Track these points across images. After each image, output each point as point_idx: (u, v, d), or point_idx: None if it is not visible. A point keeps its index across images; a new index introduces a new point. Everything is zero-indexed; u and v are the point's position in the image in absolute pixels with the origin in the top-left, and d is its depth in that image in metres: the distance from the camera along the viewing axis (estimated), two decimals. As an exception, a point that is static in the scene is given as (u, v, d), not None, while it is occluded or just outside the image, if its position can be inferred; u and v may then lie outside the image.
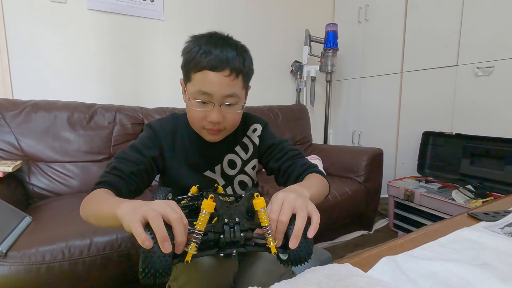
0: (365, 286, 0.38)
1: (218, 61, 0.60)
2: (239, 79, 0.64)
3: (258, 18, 2.23)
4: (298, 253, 0.45)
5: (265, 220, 0.46)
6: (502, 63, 1.50)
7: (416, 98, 1.93)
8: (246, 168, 0.79)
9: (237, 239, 0.45)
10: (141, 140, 0.70)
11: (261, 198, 0.47)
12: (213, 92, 0.62)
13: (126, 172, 0.62)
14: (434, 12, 1.80)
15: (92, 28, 1.67)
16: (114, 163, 0.63)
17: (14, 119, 1.33)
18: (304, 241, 0.45)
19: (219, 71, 0.61)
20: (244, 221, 0.46)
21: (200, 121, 0.65)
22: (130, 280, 0.98)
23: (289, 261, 0.46)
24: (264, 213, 0.47)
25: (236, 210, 0.46)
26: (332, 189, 1.49)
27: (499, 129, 1.51)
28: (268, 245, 0.46)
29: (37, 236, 0.89)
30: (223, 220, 0.45)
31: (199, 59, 0.61)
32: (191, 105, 0.64)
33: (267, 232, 0.46)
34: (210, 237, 0.45)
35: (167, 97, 1.89)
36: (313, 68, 2.25)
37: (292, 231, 0.45)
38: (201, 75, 0.62)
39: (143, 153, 0.67)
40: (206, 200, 0.44)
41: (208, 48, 0.61)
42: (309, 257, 0.46)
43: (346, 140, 2.49)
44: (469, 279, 0.41)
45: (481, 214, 0.67)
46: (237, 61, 0.63)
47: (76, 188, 1.38)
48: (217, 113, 0.63)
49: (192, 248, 0.42)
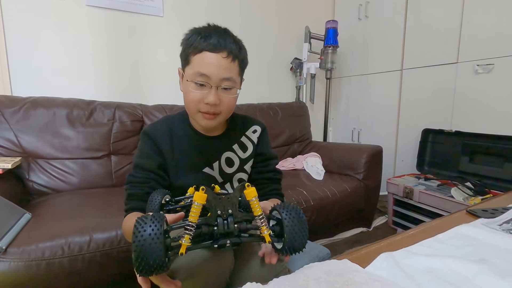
0: (363, 282, 0.38)
1: (217, 43, 0.64)
2: (235, 63, 0.66)
3: (257, 15, 2.22)
4: (292, 242, 0.45)
5: (257, 209, 0.47)
6: (502, 60, 1.49)
7: (416, 95, 1.93)
8: (245, 167, 0.80)
9: (231, 230, 0.45)
10: (141, 153, 0.72)
11: (252, 187, 0.48)
12: (211, 74, 0.63)
13: (141, 195, 0.67)
14: (435, 9, 1.79)
15: (91, 24, 1.66)
16: (128, 190, 0.69)
17: (13, 116, 1.33)
18: (298, 230, 0.46)
19: (218, 52, 0.63)
20: (237, 213, 0.47)
21: (197, 104, 0.66)
22: (129, 277, 0.98)
23: (284, 250, 0.46)
24: (256, 202, 0.47)
25: (229, 201, 0.47)
26: (332, 186, 1.50)
27: (499, 127, 1.51)
28: (262, 234, 0.47)
29: (36, 233, 0.89)
30: (216, 212, 0.46)
31: (199, 42, 0.64)
32: (189, 86, 0.66)
33: (261, 221, 0.47)
34: (204, 230, 0.46)
35: (166, 94, 1.88)
36: (313, 65, 2.24)
37: (286, 217, 0.46)
38: (200, 57, 0.64)
39: (147, 167, 0.70)
40: (197, 192, 0.44)
41: (208, 33, 0.64)
42: (304, 246, 0.47)
43: (345, 137, 2.49)
44: (467, 275, 0.41)
45: (479, 211, 0.67)
46: (234, 47, 0.66)
47: (75, 185, 1.38)
48: (214, 95, 0.64)
49: (186, 240, 0.42)
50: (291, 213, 0.46)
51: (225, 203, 0.47)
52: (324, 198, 1.42)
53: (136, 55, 1.81)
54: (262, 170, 0.82)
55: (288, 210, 0.47)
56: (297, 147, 2.08)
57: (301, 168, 1.80)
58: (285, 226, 0.45)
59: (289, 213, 0.46)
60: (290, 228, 0.45)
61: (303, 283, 0.39)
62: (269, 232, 0.47)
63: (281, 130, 2.02)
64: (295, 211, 0.47)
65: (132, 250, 0.39)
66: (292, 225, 0.45)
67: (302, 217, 0.47)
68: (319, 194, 1.42)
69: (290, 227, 0.45)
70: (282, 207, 0.48)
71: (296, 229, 0.45)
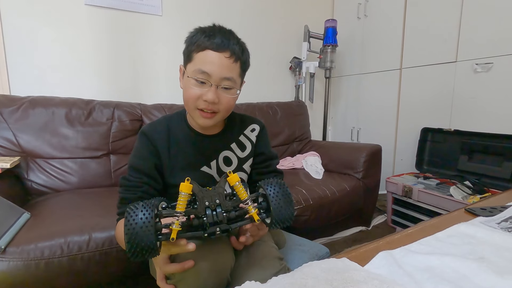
0: (362, 280, 0.38)
1: (221, 42, 0.64)
2: (237, 64, 0.67)
3: (257, 14, 2.22)
4: (279, 215, 0.48)
5: (242, 193, 0.49)
6: (501, 59, 1.50)
7: (415, 94, 1.93)
8: (244, 166, 0.80)
9: (220, 219, 0.47)
10: (136, 153, 0.72)
11: (234, 174, 0.50)
12: (212, 72, 0.64)
13: (134, 199, 0.66)
14: (434, 8, 1.79)
15: (90, 23, 1.65)
16: (121, 194, 0.69)
17: (11, 115, 1.32)
18: (284, 203, 0.48)
19: (221, 51, 0.64)
20: (225, 202, 0.48)
21: (195, 100, 0.66)
22: (129, 276, 0.99)
23: (272, 224, 0.49)
24: (240, 186, 0.49)
25: (215, 192, 0.49)
26: (331, 185, 1.50)
27: (498, 126, 1.51)
28: (250, 214, 0.49)
29: (36, 232, 0.89)
30: (204, 203, 0.47)
31: (203, 41, 0.64)
32: (189, 83, 0.66)
33: (247, 204, 0.49)
34: (195, 222, 0.47)
35: (165, 93, 1.88)
36: (312, 64, 2.24)
37: (271, 193, 0.48)
38: (203, 54, 0.64)
39: (141, 169, 0.69)
40: (183, 183, 0.46)
41: (213, 32, 0.65)
42: (291, 218, 0.50)
43: (345, 136, 2.50)
44: (465, 273, 0.42)
45: (478, 209, 0.67)
46: (237, 48, 0.66)
47: (74, 184, 1.37)
48: (213, 93, 0.65)
49: (176, 225, 0.44)
50: (275, 188, 0.49)
51: (212, 194, 0.48)
52: (323, 197, 1.42)
53: (135, 54, 1.80)
54: (263, 171, 0.82)
55: (272, 185, 0.50)
56: (296, 146, 2.08)
57: (300, 167, 1.81)
58: (270, 201, 0.48)
59: (273, 188, 0.49)
60: (275, 203, 0.48)
61: (302, 281, 0.39)
62: (256, 211, 0.49)
63: (280, 129, 2.02)
64: (279, 185, 0.50)
65: (124, 233, 0.40)
66: (277, 199, 0.48)
67: (286, 190, 0.50)
68: (318, 193, 1.42)
69: (275, 201, 0.48)
70: (266, 183, 0.51)
71: (281, 203, 0.48)
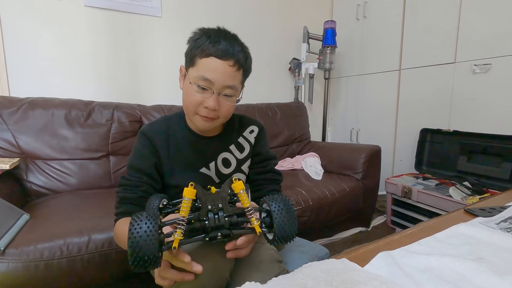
0: (361, 281, 0.38)
1: (225, 50, 0.63)
2: (240, 72, 0.67)
3: (256, 15, 2.22)
4: (282, 232, 0.47)
5: (246, 202, 0.49)
6: (499, 60, 1.50)
7: (414, 95, 1.94)
8: (243, 167, 0.80)
9: (221, 223, 0.47)
10: (135, 153, 0.72)
11: (239, 181, 0.49)
12: (215, 80, 0.64)
13: (134, 199, 0.67)
14: (432, 9, 1.80)
15: (89, 25, 1.65)
16: (120, 193, 0.68)
17: (11, 116, 1.32)
18: (287, 221, 0.48)
19: (225, 59, 0.63)
20: (227, 207, 0.48)
21: (196, 106, 0.67)
22: (128, 277, 0.98)
23: (275, 240, 0.48)
24: (244, 194, 0.49)
25: (218, 196, 0.49)
26: (330, 186, 1.51)
27: (497, 126, 1.51)
28: (252, 225, 0.48)
29: (35, 233, 0.89)
30: (206, 207, 0.47)
31: (207, 46, 0.63)
32: (191, 89, 0.66)
33: (250, 213, 0.48)
34: (196, 225, 0.47)
35: (165, 94, 1.88)
36: (312, 65, 2.24)
37: (275, 209, 0.47)
38: (207, 61, 0.64)
39: (141, 169, 0.69)
40: (187, 188, 0.46)
41: (218, 38, 0.64)
42: (293, 236, 0.49)
43: (344, 137, 2.50)
44: (464, 274, 0.42)
45: (477, 210, 0.67)
46: (241, 56, 0.66)
47: (74, 185, 1.37)
48: (214, 100, 0.65)
49: (178, 234, 0.44)
50: (279, 205, 0.49)
51: (215, 198, 0.48)
52: (323, 198, 1.42)
53: (134, 56, 1.80)
54: (260, 171, 0.82)
55: (277, 202, 0.49)
56: (295, 147, 2.08)
57: (300, 168, 1.81)
58: (274, 218, 0.47)
59: (278, 205, 0.48)
60: (279, 220, 0.47)
61: (302, 282, 0.39)
62: (258, 223, 0.48)
63: (280, 130, 2.02)
64: (284, 202, 0.49)
65: (128, 246, 0.40)
66: (281, 216, 0.48)
67: (290, 207, 0.49)
68: (317, 194, 1.42)
69: (279, 218, 0.47)
70: (271, 199, 0.50)
71: (285, 220, 0.47)
